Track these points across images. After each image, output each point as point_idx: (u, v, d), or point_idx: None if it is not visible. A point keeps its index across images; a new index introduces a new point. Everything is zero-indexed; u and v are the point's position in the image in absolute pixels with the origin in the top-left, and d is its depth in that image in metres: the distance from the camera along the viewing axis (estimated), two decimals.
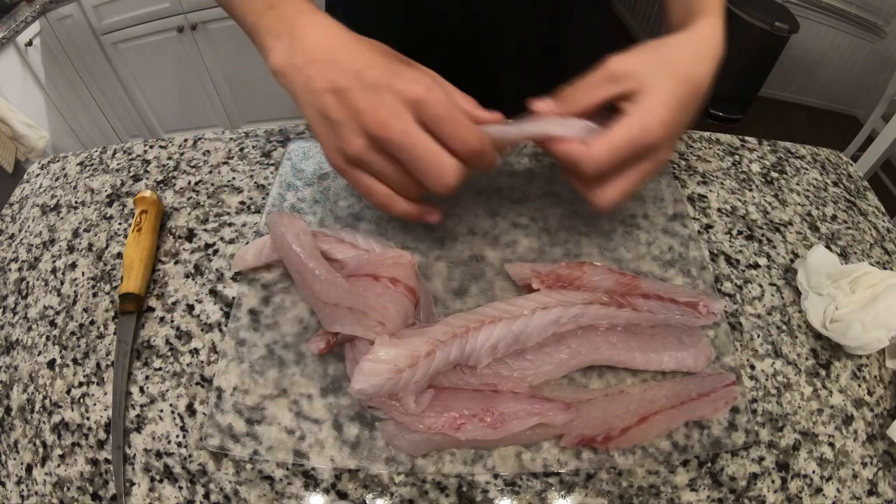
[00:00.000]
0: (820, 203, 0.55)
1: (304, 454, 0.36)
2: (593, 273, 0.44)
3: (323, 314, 0.38)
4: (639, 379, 0.40)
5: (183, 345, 0.42)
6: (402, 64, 0.34)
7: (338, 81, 0.32)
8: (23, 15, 1.47)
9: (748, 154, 0.59)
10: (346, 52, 0.33)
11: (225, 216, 0.49)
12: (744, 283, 0.47)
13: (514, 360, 0.39)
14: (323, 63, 0.33)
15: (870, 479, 0.38)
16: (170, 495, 0.36)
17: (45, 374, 0.41)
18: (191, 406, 0.39)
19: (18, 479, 0.37)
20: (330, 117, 0.33)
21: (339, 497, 0.35)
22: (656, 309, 0.42)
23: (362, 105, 0.32)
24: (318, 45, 0.34)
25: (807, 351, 0.43)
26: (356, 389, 0.34)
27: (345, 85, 0.32)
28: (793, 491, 0.37)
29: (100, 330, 0.43)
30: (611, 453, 0.37)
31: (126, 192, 0.52)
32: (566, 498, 0.36)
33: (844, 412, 0.41)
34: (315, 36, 0.34)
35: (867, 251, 0.51)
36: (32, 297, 0.46)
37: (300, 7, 0.36)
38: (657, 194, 0.51)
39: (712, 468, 0.37)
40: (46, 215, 0.52)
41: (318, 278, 0.39)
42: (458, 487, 0.36)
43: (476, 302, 0.43)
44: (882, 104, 1.86)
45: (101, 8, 1.62)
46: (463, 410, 0.36)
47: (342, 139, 0.33)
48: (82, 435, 0.38)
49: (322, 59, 0.33)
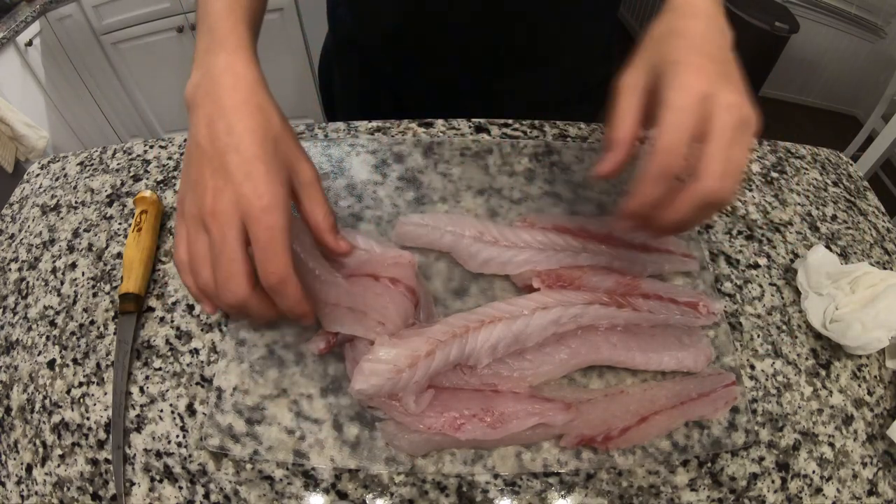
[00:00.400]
0: (820, 203, 0.55)
1: (304, 454, 0.36)
2: (593, 273, 0.44)
3: (323, 314, 0.38)
4: (639, 379, 0.40)
5: (183, 345, 0.42)
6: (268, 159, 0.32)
7: (204, 145, 0.33)
8: (23, 15, 1.47)
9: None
10: (228, 117, 0.33)
11: None
12: (744, 283, 0.47)
13: (514, 359, 0.39)
14: (206, 116, 0.33)
15: (870, 479, 0.38)
16: (170, 495, 0.36)
17: (45, 374, 0.41)
18: (191, 406, 0.39)
19: (18, 479, 0.37)
20: (188, 168, 0.34)
21: (339, 497, 0.35)
22: (656, 309, 0.42)
23: (208, 185, 0.32)
24: (214, 95, 0.33)
25: (807, 351, 0.43)
26: (356, 389, 0.35)
27: (208, 153, 0.32)
28: (793, 491, 0.37)
29: (100, 330, 0.43)
30: (611, 453, 0.37)
31: (126, 192, 0.52)
32: (566, 498, 0.36)
33: (844, 412, 0.41)
34: (219, 82, 0.33)
35: (867, 251, 0.51)
36: (32, 297, 0.46)
37: (230, 40, 0.35)
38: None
39: (712, 468, 0.37)
40: (46, 215, 0.52)
41: (318, 278, 0.39)
42: (458, 487, 0.36)
43: (476, 302, 0.43)
44: (882, 104, 1.86)
45: (101, 8, 1.62)
46: (463, 410, 0.36)
47: (186, 196, 0.34)
48: (82, 435, 0.38)
49: (207, 113, 0.33)
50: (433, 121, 0.56)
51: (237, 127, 0.32)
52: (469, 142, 0.55)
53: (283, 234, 0.32)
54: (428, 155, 0.53)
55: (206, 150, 0.32)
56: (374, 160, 0.52)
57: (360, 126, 0.56)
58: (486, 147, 0.54)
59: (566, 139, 0.57)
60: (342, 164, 0.52)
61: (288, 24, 1.73)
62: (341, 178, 0.51)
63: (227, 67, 0.34)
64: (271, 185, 0.32)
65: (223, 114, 0.33)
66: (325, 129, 0.56)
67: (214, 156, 0.32)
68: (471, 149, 0.54)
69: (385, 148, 0.54)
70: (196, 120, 0.33)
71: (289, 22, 1.72)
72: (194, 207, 0.33)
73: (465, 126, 0.57)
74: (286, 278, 0.32)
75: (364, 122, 0.57)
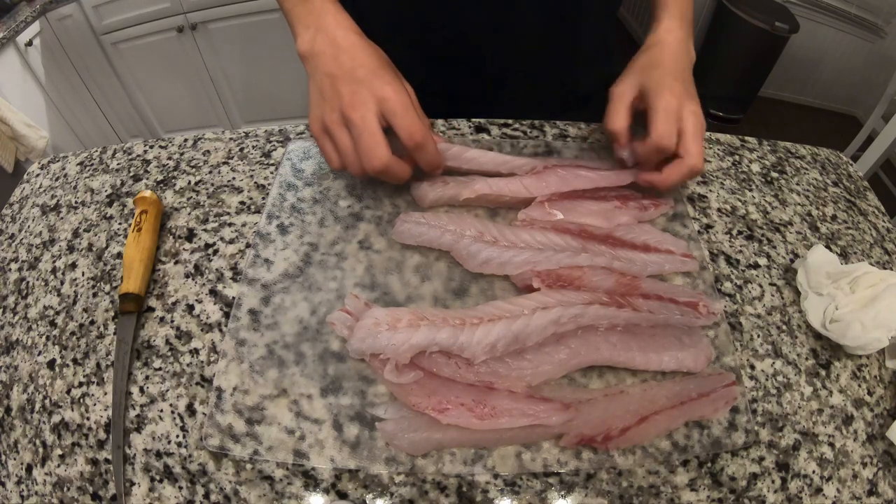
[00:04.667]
0: (820, 203, 0.55)
1: (304, 454, 0.36)
2: (593, 273, 0.44)
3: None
4: (639, 379, 0.40)
5: (183, 345, 0.42)
6: (387, 69, 0.44)
7: (334, 71, 0.43)
8: (23, 15, 1.47)
9: (748, 154, 0.59)
10: (349, 51, 0.43)
11: (225, 216, 0.49)
12: (744, 283, 0.47)
13: (514, 359, 0.39)
14: (330, 56, 0.43)
15: (870, 479, 0.38)
16: (170, 495, 0.36)
17: (45, 374, 0.41)
18: (191, 406, 0.39)
19: (18, 479, 0.37)
20: (322, 93, 0.43)
21: (339, 497, 0.35)
22: (656, 309, 0.42)
23: (344, 91, 0.42)
24: (332, 41, 0.43)
25: (807, 351, 0.43)
26: (354, 342, 0.39)
27: (338, 75, 0.42)
28: (793, 491, 0.37)
29: (100, 330, 0.43)
30: (611, 453, 0.37)
31: (126, 192, 0.52)
32: (566, 498, 0.36)
33: (844, 412, 0.41)
34: (333, 34, 0.44)
35: (867, 251, 0.51)
36: (32, 297, 0.46)
37: (328, 7, 0.45)
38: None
39: (712, 468, 0.37)
40: (46, 215, 0.52)
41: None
42: (458, 487, 0.36)
43: (476, 302, 0.43)
44: (882, 104, 1.86)
45: (101, 8, 1.62)
46: (451, 398, 0.37)
47: (324, 111, 0.43)
48: (82, 435, 0.38)
49: (330, 53, 0.43)
50: (433, 121, 0.56)
51: (358, 55, 0.43)
52: (469, 142, 0.55)
53: (416, 108, 0.43)
54: None
55: (336, 74, 0.42)
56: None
57: None
58: (486, 147, 0.54)
59: (566, 139, 0.57)
60: None
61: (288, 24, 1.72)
62: (341, 178, 0.51)
63: (337, 23, 0.44)
64: (396, 81, 0.43)
65: (344, 49, 0.43)
66: None
67: (344, 75, 0.42)
68: (471, 147, 0.54)
69: None
70: (318, 62, 0.43)
71: None
72: (334, 112, 0.42)
73: (465, 126, 0.57)
74: (426, 136, 0.42)
75: None
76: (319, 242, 0.47)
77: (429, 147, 0.43)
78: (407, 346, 0.38)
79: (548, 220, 0.47)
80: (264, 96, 1.94)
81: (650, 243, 0.46)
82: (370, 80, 0.41)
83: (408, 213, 0.47)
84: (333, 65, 0.42)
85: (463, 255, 0.44)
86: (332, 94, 0.42)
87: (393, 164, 0.42)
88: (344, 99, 0.41)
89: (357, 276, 0.44)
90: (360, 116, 0.41)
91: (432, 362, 0.39)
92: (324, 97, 0.43)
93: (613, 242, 0.46)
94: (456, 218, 0.46)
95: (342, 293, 0.43)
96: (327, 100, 0.43)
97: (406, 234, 0.45)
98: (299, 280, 0.44)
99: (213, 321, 0.43)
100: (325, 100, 0.43)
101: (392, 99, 0.41)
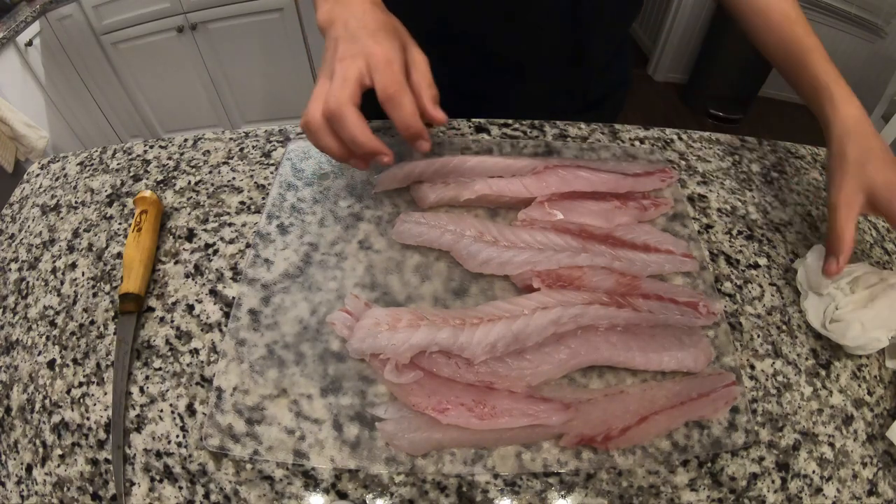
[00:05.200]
0: (820, 203, 0.55)
1: (304, 454, 0.36)
2: (593, 273, 0.44)
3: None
4: (639, 379, 0.40)
5: (183, 345, 0.42)
6: (388, 32, 0.42)
7: (340, 34, 0.42)
8: (23, 15, 1.47)
9: (748, 154, 0.59)
10: (360, 17, 0.43)
11: (225, 216, 0.49)
12: (744, 283, 0.47)
13: (514, 359, 0.39)
14: (342, 22, 0.43)
15: (870, 479, 0.38)
16: (170, 495, 0.36)
17: (45, 374, 0.41)
18: (191, 406, 0.39)
19: (18, 479, 0.37)
20: (325, 60, 0.42)
21: (339, 497, 0.35)
22: (656, 309, 0.42)
23: (339, 49, 0.41)
24: (348, 8, 0.43)
25: (807, 351, 0.43)
26: (354, 342, 0.39)
27: (342, 36, 0.42)
28: (793, 491, 0.37)
29: (100, 330, 0.43)
30: (611, 453, 0.37)
31: (126, 192, 0.52)
32: (566, 498, 0.36)
33: (844, 412, 0.41)
34: (350, 2, 0.43)
35: (867, 251, 0.51)
36: (32, 297, 0.46)
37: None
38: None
39: (712, 468, 0.37)
40: (46, 215, 0.52)
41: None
42: (458, 487, 0.36)
43: (476, 302, 0.43)
44: (882, 104, 1.86)
45: (101, 8, 1.62)
46: (451, 398, 0.37)
47: (324, 71, 0.41)
48: (82, 435, 0.38)
49: (342, 19, 0.43)
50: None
51: (366, 19, 0.42)
52: (469, 142, 0.55)
53: (400, 66, 0.40)
54: (428, 155, 0.53)
55: (341, 36, 0.41)
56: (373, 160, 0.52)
57: None
58: (486, 147, 0.54)
59: (566, 139, 0.57)
60: (342, 164, 0.52)
61: (288, 24, 1.73)
62: (341, 178, 0.51)
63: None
64: (390, 44, 0.41)
65: (355, 14, 0.42)
66: None
67: (348, 36, 0.41)
68: (471, 149, 0.54)
69: None
70: (332, 30, 0.43)
71: (289, 22, 1.72)
72: (327, 68, 0.41)
73: (465, 126, 0.57)
74: (400, 91, 0.40)
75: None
76: (319, 242, 0.47)
77: (404, 104, 0.40)
78: (407, 346, 0.38)
79: (548, 220, 0.47)
80: (264, 96, 1.94)
81: (650, 243, 0.46)
82: (364, 39, 0.41)
83: (408, 213, 0.46)
84: (342, 29, 0.42)
85: (463, 255, 0.44)
86: (331, 56, 0.42)
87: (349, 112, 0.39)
88: (336, 55, 0.41)
89: (357, 276, 0.44)
90: (342, 68, 0.40)
91: (432, 362, 0.39)
92: (325, 63, 0.42)
93: (613, 242, 0.46)
94: (456, 218, 0.46)
95: (342, 293, 0.43)
96: (325, 64, 0.42)
97: (406, 234, 0.45)
98: (299, 280, 0.44)
99: (213, 321, 0.43)
100: (325, 65, 0.42)
101: (377, 55, 0.40)
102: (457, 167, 0.49)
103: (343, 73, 0.40)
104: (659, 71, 2.52)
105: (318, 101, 0.40)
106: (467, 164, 0.49)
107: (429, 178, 0.49)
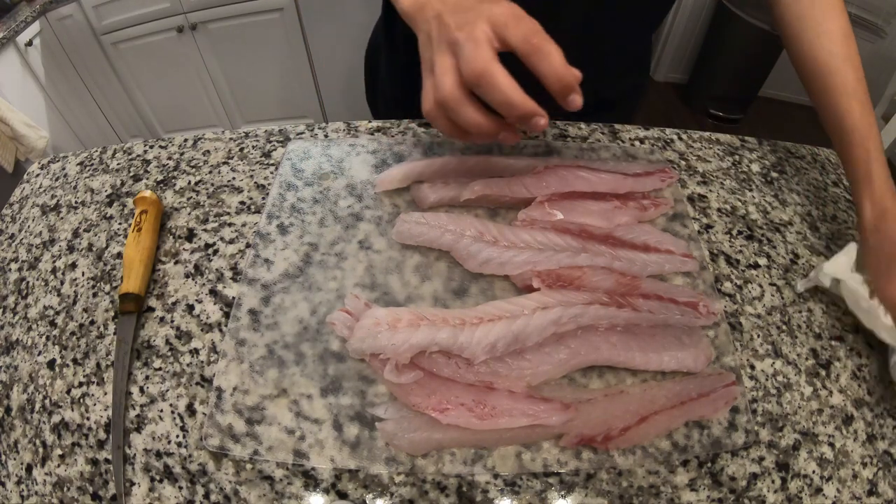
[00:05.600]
0: (820, 203, 0.55)
1: (304, 454, 0.36)
2: (593, 273, 0.44)
3: None
4: (639, 379, 0.40)
5: (183, 345, 0.42)
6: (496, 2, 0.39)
7: (440, 9, 0.38)
8: (23, 15, 1.47)
9: (748, 154, 0.59)
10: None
11: (225, 216, 0.49)
12: (744, 283, 0.47)
13: (514, 359, 0.39)
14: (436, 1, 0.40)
15: (870, 479, 0.38)
16: (170, 495, 0.36)
17: (45, 374, 0.41)
18: (191, 406, 0.39)
19: (18, 479, 0.37)
20: (430, 41, 0.39)
21: (339, 497, 0.35)
22: (656, 309, 0.42)
23: (450, 22, 0.37)
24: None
25: (807, 351, 0.43)
26: (354, 342, 0.39)
27: (444, 10, 0.38)
28: (793, 491, 0.37)
29: (100, 330, 0.43)
30: (611, 453, 0.37)
31: (126, 192, 0.52)
32: (566, 498, 0.36)
33: (844, 412, 0.41)
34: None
35: None
36: (32, 297, 0.46)
37: None
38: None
39: (712, 468, 0.37)
40: (46, 215, 0.52)
41: None
42: (458, 487, 0.36)
43: (476, 302, 0.43)
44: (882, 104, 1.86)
45: (101, 8, 1.62)
46: (451, 398, 0.37)
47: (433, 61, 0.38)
48: (82, 435, 0.38)
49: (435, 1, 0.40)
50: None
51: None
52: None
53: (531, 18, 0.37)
54: (428, 155, 0.53)
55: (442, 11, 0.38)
56: (374, 160, 0.52)
57: (360, 126, 0.57)
58: (486, 147, 0.54)
59: (566, 139, 0.57)
60: (342, 164, 0.52)
61: (288, 24, 1.72)
62: (341, 178, 0.51)
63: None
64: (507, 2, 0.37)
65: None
66: (325, 129, 0.56)
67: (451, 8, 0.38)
68: (471, 148, 0.54)
69: (385, 148, 0.54)
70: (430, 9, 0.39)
71: (289, 22, 1.72)
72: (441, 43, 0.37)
73: None
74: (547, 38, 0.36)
75: (364, 122, 0.57)
76: (319, 242, 0.47)
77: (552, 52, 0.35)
78: (407, 346, 0.38)
79: (548, 220, 0.47)
80: (264, 96, 1.94)
81: (650, 243, 0.46)
82: (478, 5, 0.37)
83: (408, 213, 0.46)
84: (440, 4, 0.39)
85: (463, 255, 0.44)
86: (438, 33, 0.38)
87: (498, 70, 0.35)
88: (451, 28, 0.37)
89: (357, 276, 0.44)
90: (465, 34, 0.36)
91: (432, 362, 0.39)
92: (431, 43, 0.38)
93: (613, 242, 0.46)
94: (456, 218, 0.46)
95: (342, 293, 0.43)
96: (435, 43, 0.38)
97: (406, 234, 0.45)
98: (299, 280, 0.44)
99: (213, 321, 0.43)
100: (432, 45, 0.38)
101: (501, 12, 0.36)
102: (457, 167, 0.49)
103: (471, 37, 0.35)
104: (659, 71, 2.52)
105: (447, 74, 0.36)
106: (467, 164, 0.49)
107: (429, 178, 0.49)
